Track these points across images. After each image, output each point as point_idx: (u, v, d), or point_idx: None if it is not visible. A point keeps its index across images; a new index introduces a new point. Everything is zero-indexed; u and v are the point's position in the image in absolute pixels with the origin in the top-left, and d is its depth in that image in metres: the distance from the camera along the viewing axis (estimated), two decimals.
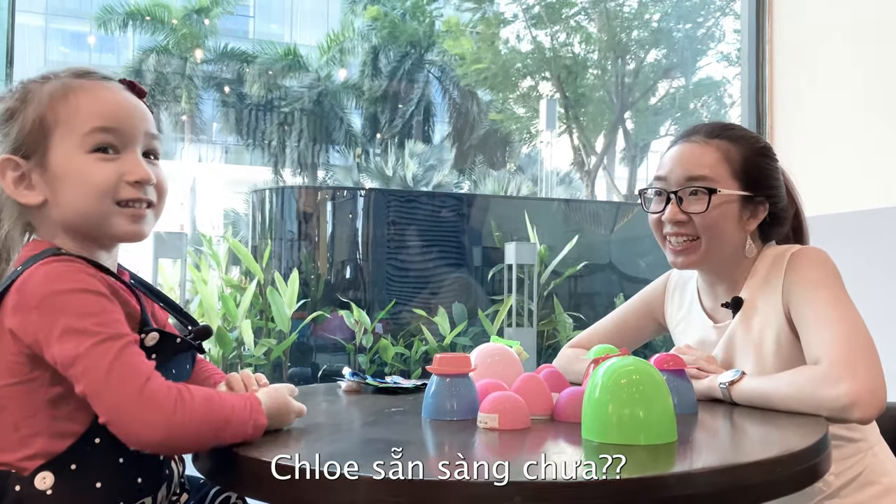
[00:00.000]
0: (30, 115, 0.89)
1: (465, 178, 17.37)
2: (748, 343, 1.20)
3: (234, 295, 7.32)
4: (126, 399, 0.77)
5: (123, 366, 0.78)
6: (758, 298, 1.20)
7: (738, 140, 1.24)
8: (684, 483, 0.74)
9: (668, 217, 1.23)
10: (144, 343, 0.87)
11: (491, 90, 16.60)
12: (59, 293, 0.81)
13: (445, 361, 1.03)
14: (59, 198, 0.88)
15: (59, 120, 0.88)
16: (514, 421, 0.95)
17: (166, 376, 0.87)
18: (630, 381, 0.90)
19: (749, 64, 2.66)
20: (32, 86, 0.91)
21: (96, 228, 0.90)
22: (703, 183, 1.20)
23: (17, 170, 0.88)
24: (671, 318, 1.39)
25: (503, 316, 7.86)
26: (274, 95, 17.08)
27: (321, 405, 1.17)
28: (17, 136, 0.88)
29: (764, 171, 1.24)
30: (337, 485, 0.71)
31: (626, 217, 10.38)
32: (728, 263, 1.24)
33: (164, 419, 0.77)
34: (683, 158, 1.23)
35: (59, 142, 0.88)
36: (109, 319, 0.81)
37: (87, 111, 0.88)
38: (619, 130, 16.34)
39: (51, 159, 0.88)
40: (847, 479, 1.17)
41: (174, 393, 0.79)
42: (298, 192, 10.07)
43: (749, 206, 1.22)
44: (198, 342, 0.94)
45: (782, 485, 0.81)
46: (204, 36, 16.46)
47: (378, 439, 0.91)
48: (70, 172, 0.88)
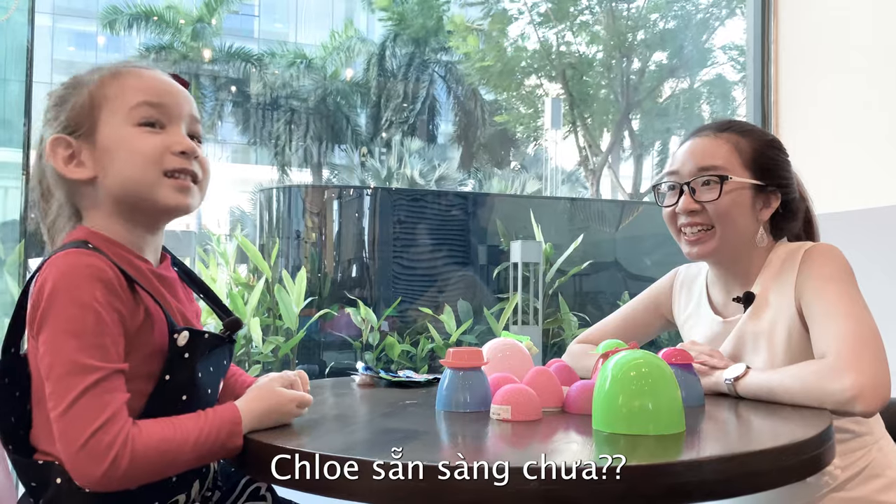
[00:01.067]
0: (79, 97, 0.92)
1: (471, 177, 17.38)
2: (759, 338, 1.22)
3: (242, 293, 7.36)
4: (70, 445, 0.79)
5: (79, 410, 0.79)
6: (770, 293, 1.22)
7: (747, 132, 1.27)
8: (692, 471, 0.76)
9: (681, 207, 1.25)
10: (176, 343, 0.88)
11: (496, 89, 16.60)
12: (56, 297, 0.82)
13: (459, 355, 1.06)
14: (108, 170, 0.91)
15: (108, 96, 0.92)
16: (526, 413, 0.97)
17: (204, 375, 0.90)
18: (639, 374, 0.92)
19: (754, 63, 2.68)
20: (82, 76, 0.95)
21: (144, 200, 0.92)
22: (715, 171, 1.23)
23: (68, 149, 0.91)
24: (679, 314, 1.41)
25: (509, 314, 7.88)
26: (279, 94, 17.11)
27: (337, 398, 1.19)
28: (66, 117, 0.92)
29: (775, 161, 1.26)
30: (359, 470, 0.74)
31: (632, 215, 10.39)
32: (741, 255, 1.26)
33: (98, 473, 0.78)
34: (695, 151, 1.26)
35: (107, 117, 0.91)
36: (91, 344, 0.81)
37: (134, 87, 0.92)
38: (625, 129, 16.33)
39: (100, 134, 0.91)
40: (853, 472, 1.19)
41: (117, 448, 0.78)
42: (305, 190, 10.11)
43: (762, 195, 1.25)
44: (228, 334, 0.95)
45: (787, 473, 0.84)
46: (209, 35, 16.51)
47: (395, 429, 0.94)
48: (118, 144, 0.91)
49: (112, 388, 0.81)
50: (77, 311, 0.81)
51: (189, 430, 0.83)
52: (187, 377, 0.89)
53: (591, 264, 8.92)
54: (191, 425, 0.84)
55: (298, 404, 0.93)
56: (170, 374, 0.88)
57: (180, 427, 0.83)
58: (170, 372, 0.88)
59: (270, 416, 0.90)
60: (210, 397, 0.93)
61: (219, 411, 0.87)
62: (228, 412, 0.87)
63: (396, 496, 0.73)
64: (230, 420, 0.86)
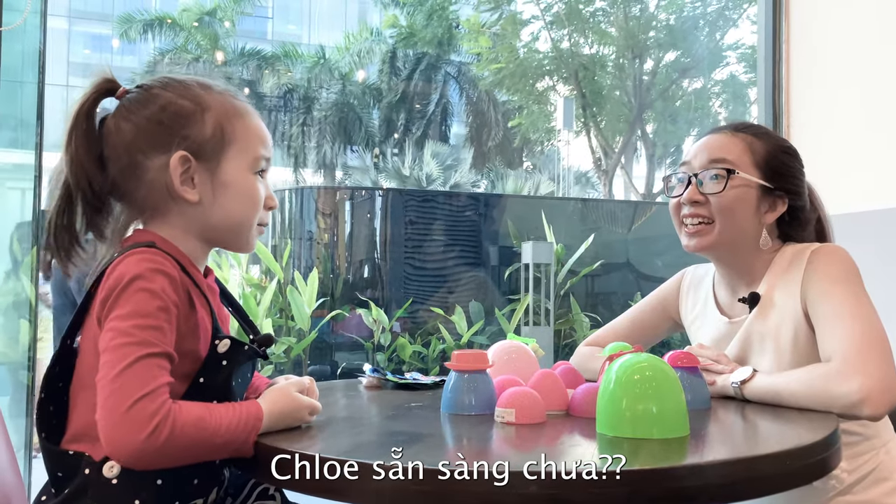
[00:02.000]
0: (209, 122, 0.96)
1: (483, 178, 17.37)
2: (765, 339, 1.22)
3: (254, 293, 7.40)
4: (114, 410, 0.81)
5: (131, 375, 0.82)
6: (776, 294, 1.22)
7: (763, 135, 1.28)
8: (696, 474, 0.76)
9: (685, 197, 1.26)
10: (217, 349, 0.92)
11: (508, 90, 16.58)
12: (130, 284, 0.87)
13: (463, 358, 1.06)
14: (218, 203, 0.96)
15: (237, 136, 0.97)
16: (531, 416, 0.97)
17: (235, 384, 0.92)
18: (643, 377, 0.92)
19: (766, 63, 2.66)
20: (196, 91, 0.97)
21: (234, 238, 1.00)
22: (723, 165, 1.23)
23: (185, 166, 0.94)
24: (686, 316, 1.41)
25: (520, 315, 7.87)
26: (293, 96, 17.19)
27: (344, 400, 1.20)
28: (196, 139, 0.95)
29: (786, 166, 1.26)
30: (363, 473, 0.74)
31: (644, 216, 10.34)
32: (743, 255, 1.26)
33: (137, 441, 0.80)
34: (708, 145, 1.27)
35: (233, 155, 0.97)
36: (151, 324, 0.85)
37: (256, 137, 0.99)
38: (637, 130, 16.27)
39: (222, 169, 0.96)
40: (860, 475, 1.18)
41: (160, 417, 0.81)
42: (317, 192, 10.14)
43: (768, 198, 1.25)
44: (262, 349, 0.98)
45: (793, 477, 0.83)
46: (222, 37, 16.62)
47: (399, 432, 0.94)
48: (239, 185, 0.97)
49: (163, 366, 0.85)
50: (145, 296, 0.86)
51: (222, 416, 0.86)
52: (221, 383, 0.92)
53: (604, 265, 8.89)
54: (223, 411, 0.87)
55: (311, 412, 0.95)
56: (204, 378, 0.91)
57: (215, 412, 0.86)
58: (205, 375, 0.91)
59: (285, 419, 0.91)
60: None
61: (245, 405, 0.89)
62: (254, 408, 0.89)
63: (398, 498, 0.74)
64: (255, 416, 0.88)
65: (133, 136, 0.94)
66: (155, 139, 0.93)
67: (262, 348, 0.98)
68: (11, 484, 1.15)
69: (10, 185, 3.44)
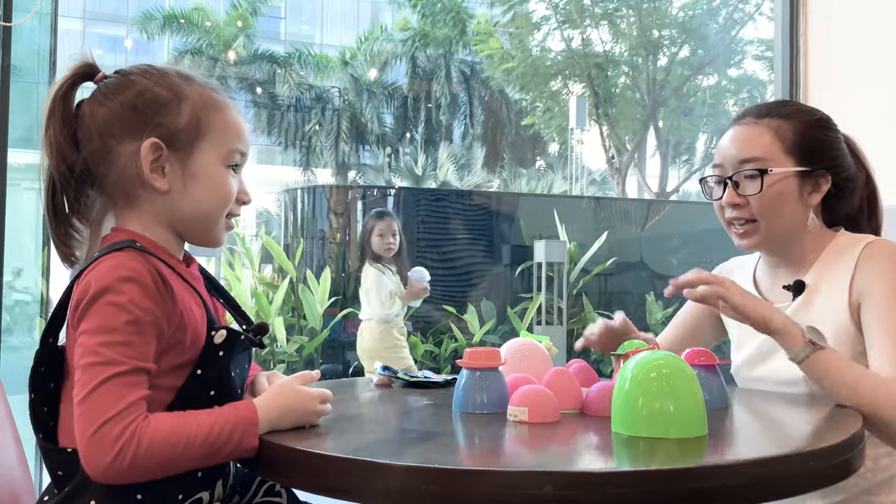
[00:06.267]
0: (185, 112, 0.94)
1: (496, 177, 17.34)
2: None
3: (266, 292, 7.41)
4: (83, 431, 0.81)
5: (95, 398, 0.81)
6: (822, 284, 1.18)
7: (789, 116, 1.22)
8: (715, 475, 0.74)
9: (725, 201, 1.23)
10: (213, 340, 0.90)
11: (521, 90, 16.53)
12: (98, 297, 0.85)
13: (476, 355, 1.04)
14: (187, 194, 0.95)
15: (212, 129, 0.96)
16: (544, 414, 0.95)
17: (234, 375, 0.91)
18: (660, 375, 0.90)
19: (783, 59, 2.61)
20: (175, 80, 0.96)
21: (202, 230, 0.98)
22: (755, 164, 1.19)
23: (157, 154, 0.93)
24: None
25: (532, 314, 7.84)
26: (305, 96, 17.24)
27: (354, 398, 1.19)
28: (170, 127, 0.93)
29: (821, 142, 1.22)
30: (371, 472, 0.72)
31: (658, 215, 10.27)
32: (794, 242, 1.22)
33: (104, 463, 0.80)
34: (735, 141, 1.23)
35: (207, 147, 0.95)
36: (118, 340, 0.84)
37: (233, 130, 0.98)
38: (651, 128, 16.16)
39: (194, 160, 0.95)
40: (883, 477, 1.15)
41: (123, 440, 0.80)
42: (330, 191, 10.15)
43: (809, 180, 1.21)
44: (258, 338, 0.97)
45: (817, 478, 0.81)
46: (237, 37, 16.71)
47: (411, 430, 0.92)
48: (209, 177, 0.95)
49: (131, 382, 0.83)
50: (112, 310, 0.84)
51: (201, 424, 0.84)
52: (218, 374, 0.90)
53: (617, 264, 8.82)
54: (203, 419, 0.84)
55: (322, 400, 0.92)
56: (202, 369, 0.90)
57: (192, 421, 0.84)
58: (202, 367, 0.90)
59: (291, 414, 0.89)
60: (237, 396, 0.94)
61: (235, 407, 0.87)
62: (245, 409, 0.87)
63: (408, 498, 0.72)
64: (246, 418, 0.86)
65: (106, 121, 0.93)
66: (128, 124, 0.92)
67: (257, 337, 0.97)
68: (21, 481, 1.15)
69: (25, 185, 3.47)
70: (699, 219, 10.00)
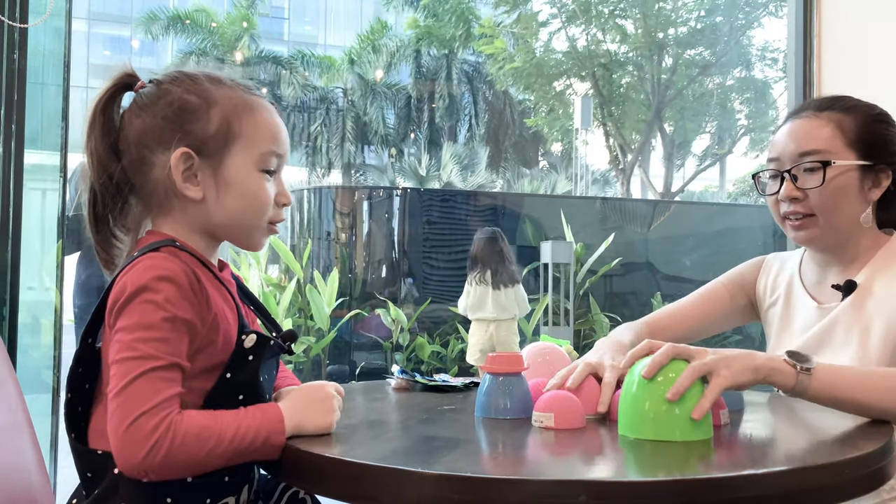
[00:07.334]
0: (215, 118, 0.93)
1: (499, 177, 17.33)
2: (852, 329, 1.15)
3: (273, 293, 7.41)
4: (118, 425, 0.81)
5: (132, 391, 0.82)
6: (875, 285, 1.15)
7: (850, 109, 1.20)
8: (751, 484, 0.73)
9: (783, 195, 1.19)
10: (244, 344, 0.90)
11: (526, 90, 16.51)
12: (135, 296, 0.86)
13: (498, 360, 1.03)
14: (221, 201, 0.94)
15: (243, 133, 0.94)
16: (570, 420, 0.94)
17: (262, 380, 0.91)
18: (666, 378, 0.89)
19: (796, 59, 2.59)
20: (205, 85, 0.95)
21: (239, 236, 0.97)
22: (817, 157, 1.16)
23: (188, 163, 0.92)
24: (763, 299, 1.33)
25: (539, 315, 7.82)
26: (310, 97, 17.26)
27: (373, 402, 1.18)
28: (199, 135, 0.92)
29: (882, 137, 1.19)
30: (404, 480, 0.71)
31: (663, 215, 10.24)
32: (848, 239, 1.19)
33: (137, 458, 0.80)
34: (794, 135, 1.20)
35: (237, 152, 0.94)
36: (155, 336, 0.84)
37: (266, 132, 0.95)
38: (656, 128, 16.14)
39: (225, 167, 0.93)
40: None
41: (158, 433, 0.80)
42: (336, 191, 10.14)
43: (870, 174, 1.18)
44: (287, 344, 0.97)
45: (851, 488, 0.79)
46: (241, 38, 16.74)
47: (435, 437, 0.91)
48: (243, 184, 0.94)
49: (167, 378, 0.84)
50: (149, 308, 0.85)
51: (230, 421, 0.85)
52: (247, 378, 0.91)
53: (624, 265, 8.80)
54: (230, 417, 0.85)
55: (336, 389, 0.93)
56: (231, 373, 0.90)
57: (222, 419, 0.85)
58: (232, 371, 0.90)
59: (312, 404, 0.89)
60: (265, 402, 0.93)
61: (260, 408, 0.88)
62: (270, 409, 0.88)
63: None
64: (272, 416, 0.86)
65: (141, 132, 0.93)
66: (159, 135, 0.92)
67: (286, 343, 0.97)
68: (38, 483, 1.14)
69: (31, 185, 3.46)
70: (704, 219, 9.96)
